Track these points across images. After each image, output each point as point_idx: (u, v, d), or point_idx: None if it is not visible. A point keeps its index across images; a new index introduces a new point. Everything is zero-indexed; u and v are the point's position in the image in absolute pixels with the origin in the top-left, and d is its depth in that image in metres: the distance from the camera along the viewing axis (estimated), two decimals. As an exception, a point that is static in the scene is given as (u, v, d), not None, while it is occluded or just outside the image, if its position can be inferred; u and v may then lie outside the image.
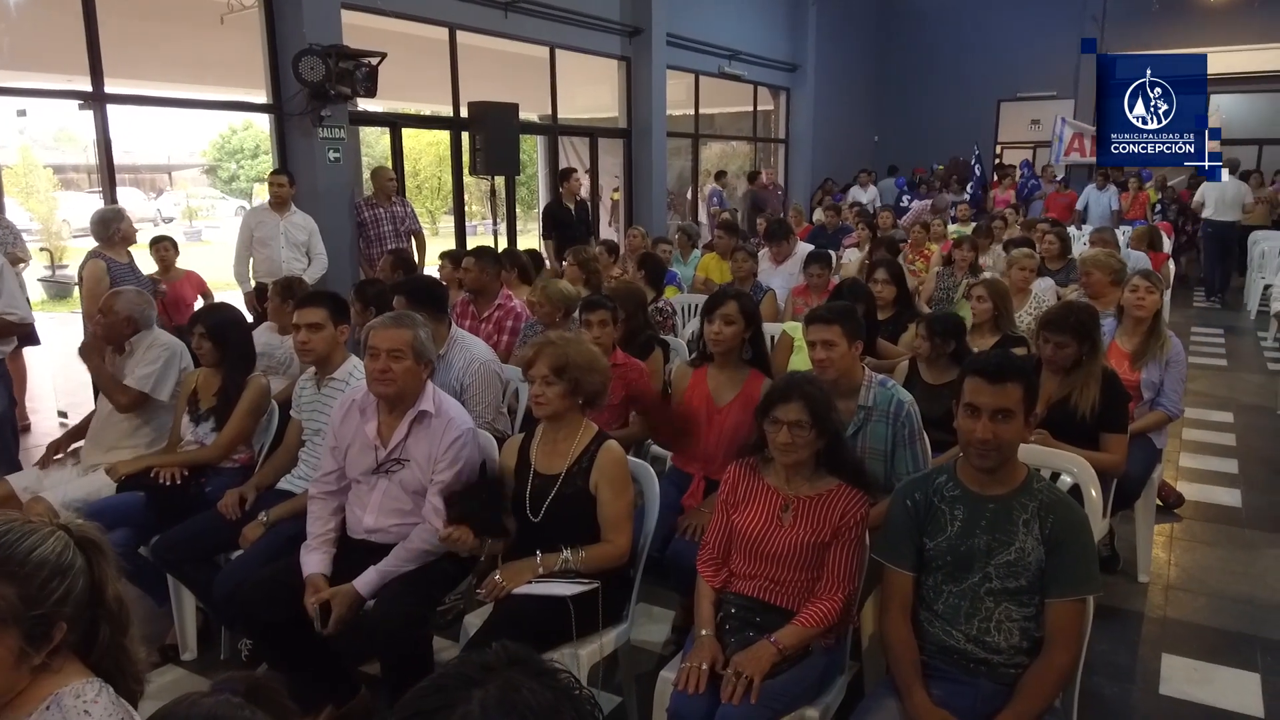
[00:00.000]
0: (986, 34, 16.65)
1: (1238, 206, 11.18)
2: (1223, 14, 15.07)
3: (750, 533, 2.39)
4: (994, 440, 2.03)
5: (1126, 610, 3.69)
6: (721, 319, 3.20)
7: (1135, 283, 4.13)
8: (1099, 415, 3.30)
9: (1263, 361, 8.10)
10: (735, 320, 3.23)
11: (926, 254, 7.48)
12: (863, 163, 16.04)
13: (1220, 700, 3.07)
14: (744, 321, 3.23)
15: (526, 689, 0.85)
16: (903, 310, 4.79)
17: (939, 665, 2.12)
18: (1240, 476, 5.22)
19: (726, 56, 12.77)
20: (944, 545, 2.13)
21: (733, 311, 3.22)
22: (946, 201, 12.21)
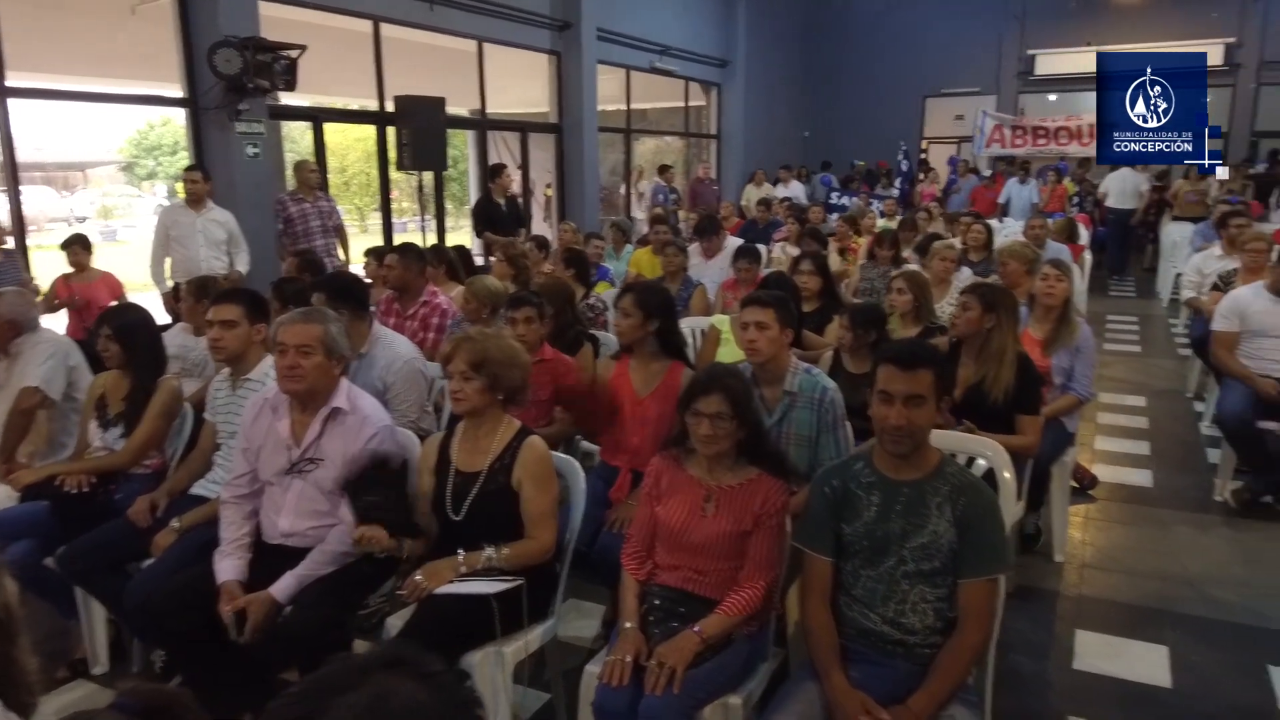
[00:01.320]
0: (911, 31, 17.00)
1: (1135, 196, 12.41)
2: (1135, 12, 15.66)
3: (673, 524, 2.40)
4: (907, 426, 2.08)
5: (1043, 589, 3.80)
6: (620, 311, 3.24)
7: (1045, 271, 4.26)
8: (1013, 398, 3.40)
9: (1173, 347, 8.43)
10: (630, 313, 3.24)
11: (854, 247, 7.60)
12: (794, 158, 16.25)
13: (1131, 673, 3.19)
14: (642, 314, 3.24)
15: (401, 693, 0.82)
16: (828, 302, 4.85)
17: (858, 648, 2.16)
18: (1152, 458, 5.42)
19: (658, 52, 12.80)
20: (861, 530, 2.17)
21: (628, 305, 3.24)
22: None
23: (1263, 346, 4.67)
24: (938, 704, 1.99)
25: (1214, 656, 3.29)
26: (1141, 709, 2.98)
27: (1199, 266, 7.04)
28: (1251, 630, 3.48)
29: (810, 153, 17.22)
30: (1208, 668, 3.22)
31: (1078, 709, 2.96)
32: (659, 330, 3.32)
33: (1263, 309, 4.69)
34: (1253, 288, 4.93)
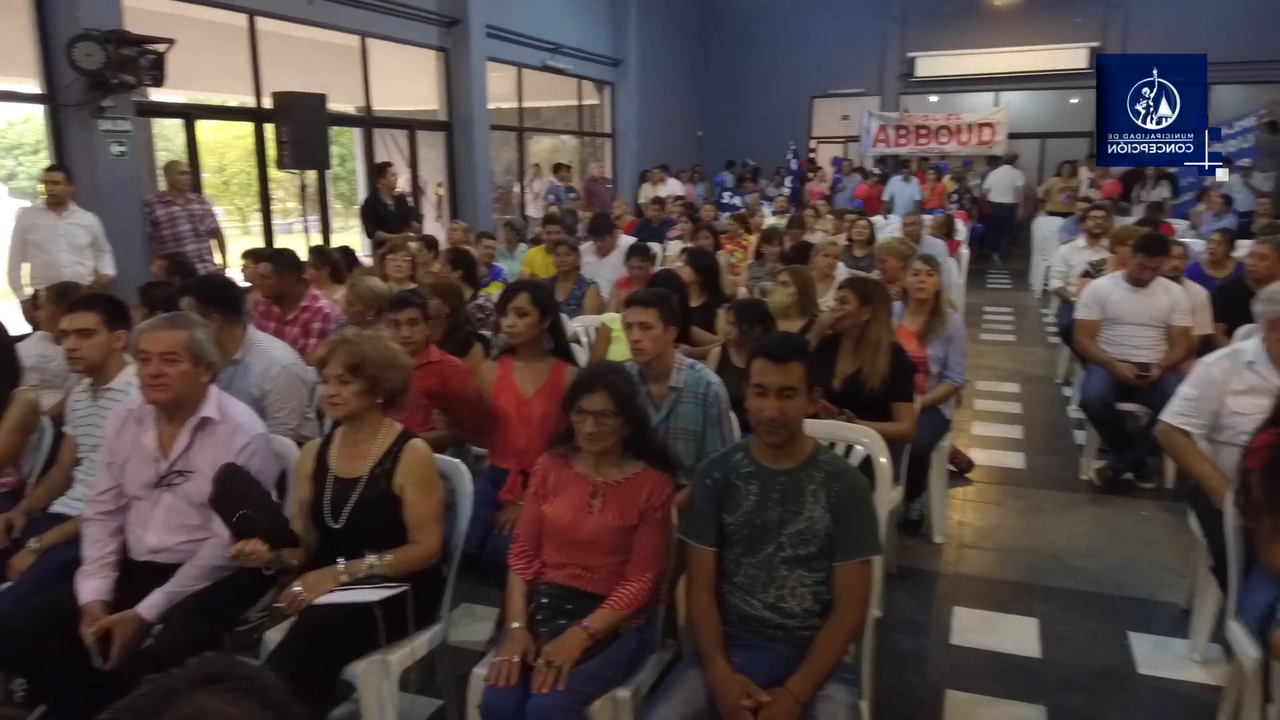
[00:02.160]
0: (799, 33, 17.41)
1: (1012, 190, 13.86)
2: (1007, 16, 16.41)
3: (560, 522, 2.40)
4: (781, 417, 2.14)
5: (924, 570, 3.97)
6: (514, 311, 3.20)
7: (917, 267, 4.44)
8: (888, 387, 3.53)
9: (1045, 336, 8.90)
10: (528, 312, 3.22)
11: (744, 244, 7.74)
12: (689, 157, 16.46)
13: (1004, 646, 3.36)
14: (538, 312, 3.23)
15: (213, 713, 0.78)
16: (714, 299, 4.93)
17: (740, 634, 2.21)
18: (1025, 441, 5.72)
19: (549, 50, 12.76)
20: (741, 519, 2.22)
21: (524, 303, 3.22)
22: None
23: (1121, 333, 4.98)
24: (815, 684, 2.05)
25: (1079, 625, 3.49)
26: (1013, 679, 3.14)
27: (1066, 258, 7.48)
28: (1113, 599, 3.71)
29: (705, 152, 17.48)
30: (1073, 636, 3.42)
31: (955, 682, 3.10)
32: (551, 328, 3.32)
33: (1121, 298, 5.00)
34: (1112, 278, 5.26)
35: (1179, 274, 5.37)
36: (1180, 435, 3.15)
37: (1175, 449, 3.21)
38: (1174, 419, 3.18)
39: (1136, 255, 4.94)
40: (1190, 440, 3.13)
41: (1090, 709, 2.97)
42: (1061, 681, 3.12)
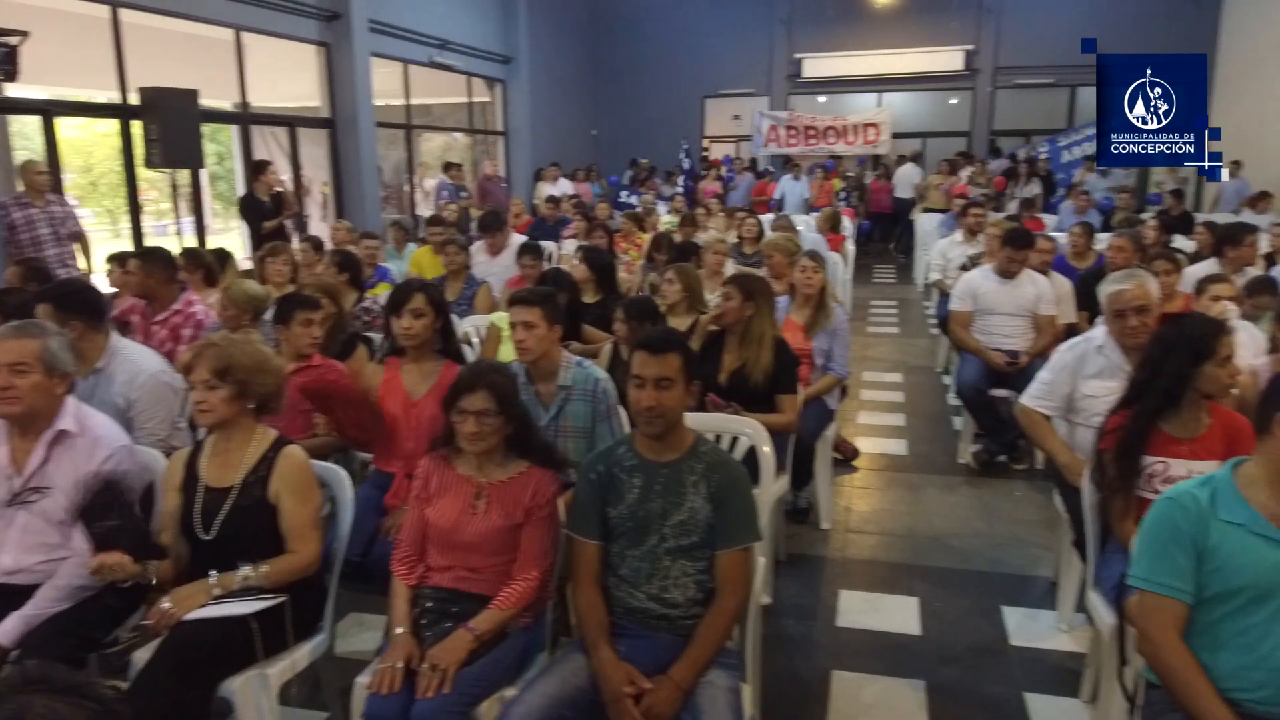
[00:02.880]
0: (689, 33, 17.64)
1: (910, 186, 14.46)
2: (888, 20, 17.01)
3: (444, 524, 2.37)
4: (659, 407, 2.18)
5: (811, 556, 4.08)
6: (410, 313, 3.14)
7: (804, 263, 4.57)
8: (772, 379, 3.62)
9: (926, 327, 9.27)
10: (425, 313, 3.18)
11: (638, 243, 7.79)
12: (584, 155, 16.44)
13: (886, 625, 3.49)
14: (434, 313, 3.19)
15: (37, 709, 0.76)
16: (610, 297, 4.96)
17: (625, 625, 2.24)
18: (907, 428, 5.95)
19: (436, 46, 12.54)
20: (625, 512, 2.25)
21: (421, 304, 3.17)
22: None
23: (992, 323, 5.24)
24: (697, 670, 2.10)
25: (957, 602, 3.66)
26: (895, 656, 3.27)
27: (943, 252, 7.82)
28: (988, 575, 3.91)
29: (600, 150, 17.51)
30: (951, 613, 3.58)
31: (840, 663, 3.21)
32: (442, 329, 3.27)
33: (991, 290, 5.26)
34: (982, 270, 5.53)
35: (1047, 266, 5.68)
36: (1037, 416, 3.35)
37: (1032, 429, 3.41)
38: (1030, 401, 3.38)
39: (1004, 249, 5.21)
40: (1046, 421, 3.33)
41: (966, 681, 3.11)
42: (940, 656, 3.26)
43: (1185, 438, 2.57)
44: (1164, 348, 2.57)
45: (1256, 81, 13.74)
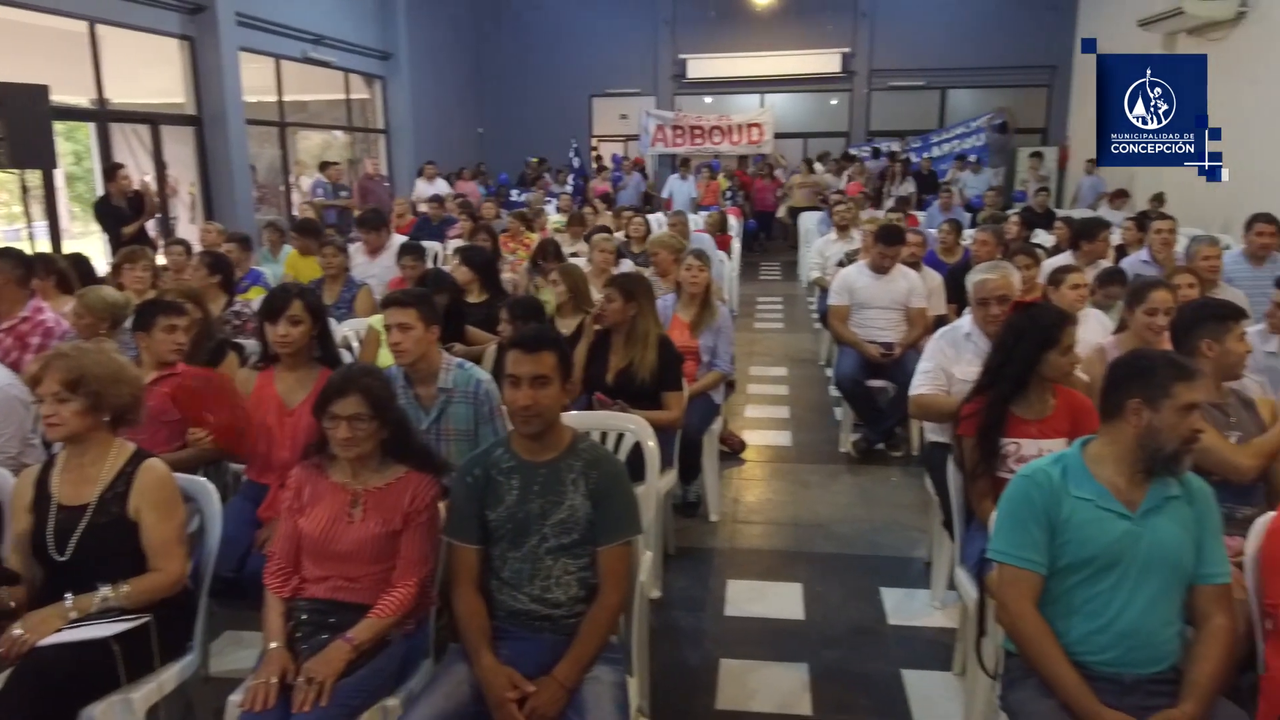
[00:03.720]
0: (575, 32, 17.64)
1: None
2: (768, 22, 17.42)
3: (318, 534, 2.31)
4: (535, 406, 2.17)
5: (701, 548, 4.15)
6: (288, 320, 3.03)
7: (689, 262, 4.64)
8: (658, 377, 3.67)
9: (810, 322, 9.54)
10: (302, 320, 3.08)
11: (526, 243, 7.73)
12: (471, 154, 16.21)
13: (772, 612, 3.58)
14: (311, 320, 3.10)
15: None
16: (495, 297, 4.91)
17: (508, 628, 2.23)
18: (791, 420, 6.12)
19: (310, 41, 12.13)
20: (504, 515, 2.23)
21: (299, 311, 3.07)
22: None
23: (868, 317, 5.43)
24: (581, 668, 2.10)
25: (838, 586, 3.79)
26: (780, 641, 3.36)
27: (820, 249, 8.07)
28: (868, 559, 4.06)
29: (487, 149, 17.29)
30: (833, 597, 3.70)
31: (728, 651, 3.28)
32: (319, 334, 3.17)
33: (865, 284, 5.46)
34: (857, 266, 5.73)
35: (918, 260, 5.94)
36: (929, 396, 3.49)
37: (927, 408, 3.52)
38: (921, 388, 3.54)
39: (876, 245, 5.42)
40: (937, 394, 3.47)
41: (847, 661, 3.23)
42: (822, 639, 3.38)
43: (1034, 419, 2.74)
44: (1015, 335, 2.73)
45: (1106, 86, 14.69)
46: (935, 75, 17.29)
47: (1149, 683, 1.99)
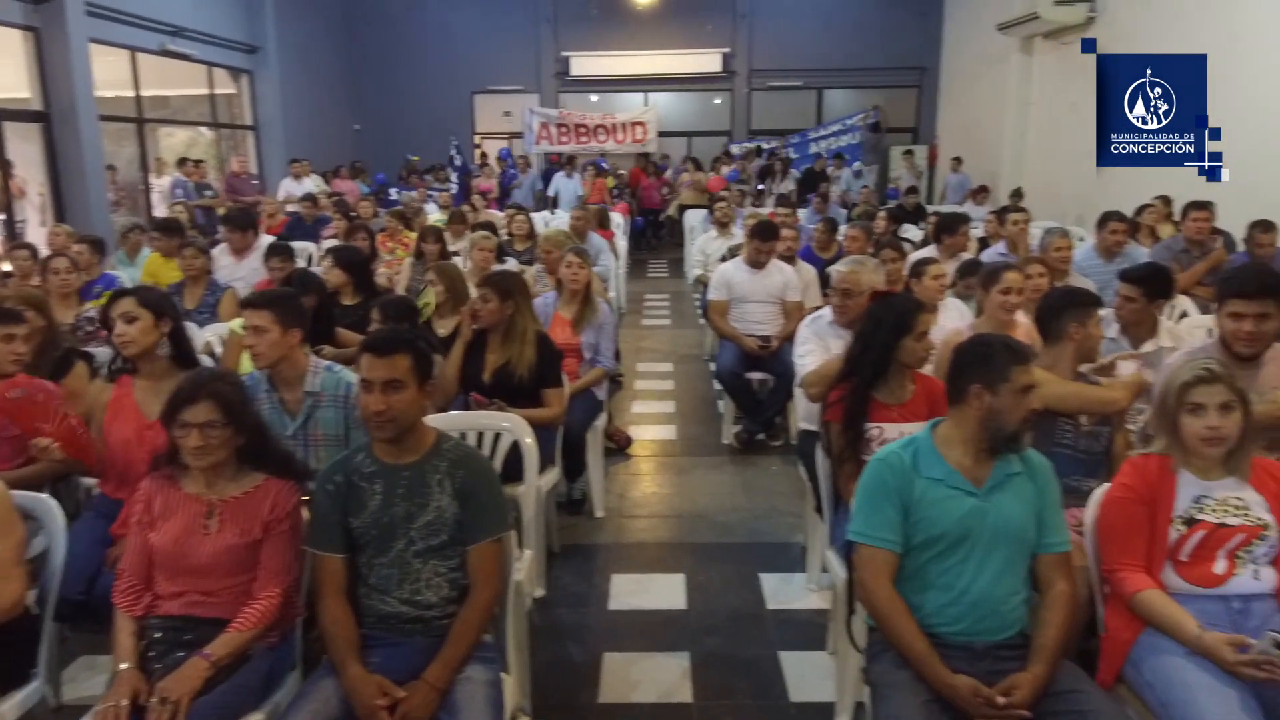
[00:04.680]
0: (455, 28, 17.34)
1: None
2: (649, 21, 17.56)
3: (171, 548, 2.20)
4: (388, 411, 2.12)
5: (585, 544, 4.16)
6: (121, 318, 2.88)
7: (569, 260, 4.64)
8: (537, 374, 3.65)
9: (695, 318, 9.68)
10: (138, 316, 2.91)
11: (405, 242, 7.57)
12: (346, 152, 15.72)
13: (655, 604, 3.62)
14: (150, 316, 2.93)
15: None
16: (370, 296, 4.78)
17: (378, 634, 2.18)
18: (677, 414, 6.20)
19: (169, 32, 11.51)
20: (368, 521, 2.18)
21: (130, 307, 2.90)
22: None
23: (746, 311, 5.56)
24: (453, 669, 2.08)
25: (719, 574, 3.86)
26: (663, 632, 3.40)
27: (702, 247, 8.23)
28: (749, 546, 4.15)
29: (364, 146, 16.79)
30: (714, 585, 3.77)
31: (612, 645, 3.30)
32: (173, 336, 3.01)
33: (743, 279, 5.58)
34: (734, 262, 5.85)
35: (793, 255, 6.11)
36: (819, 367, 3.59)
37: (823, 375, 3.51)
38: (807, 366, 3.66)
39: (751, 240, 5.55)
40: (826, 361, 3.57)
41: (727, 647, 3.30)
42: (704, 627, 3.44)
43: (895, 404, 2.86)
44: (874, 324, 2.85)
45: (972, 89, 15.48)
46: (812, 76, 17.81)
47: (999, 648, 2.11)
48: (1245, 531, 2.18)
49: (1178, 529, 2.20)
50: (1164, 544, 2.20)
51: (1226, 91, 8.58)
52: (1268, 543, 2.18)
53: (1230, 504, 2.21)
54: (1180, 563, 2.20)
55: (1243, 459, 2.22)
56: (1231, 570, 2.18)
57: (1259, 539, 2.18)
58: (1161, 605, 2.14)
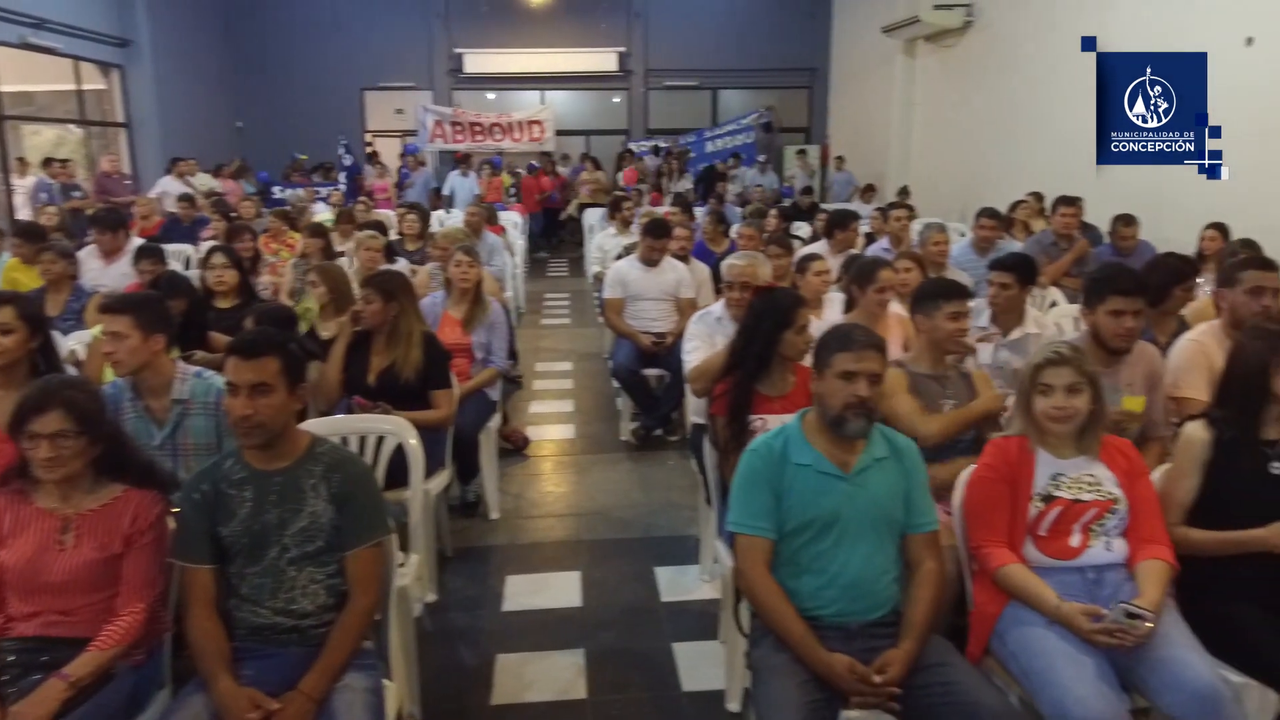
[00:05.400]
0: (342, 22, 16.84)
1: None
2: (543, 19, 17.47)
3: (23, 567, 2.07)
4: (255, 416, 2.05)
5: (480, 547, 4.12)
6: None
7: (458, 258, 4.58)
8: (424, 376, 3.60)
9: (595, 316, 9.67)
10: (14, 329, 2.74)
11: (290, 243, 7.32)
12: (229, 150, 15.12)
13: (550, 602, 3.61)
14: (26, 329, 2.77)
15: None
16: (248, 300, 4.61)
17: (251, 645, 2.11)
18: (575, 413, 6.19)
19: (30, 25, 10.83)
20: (239, 529, 2.11)
21: (10, 318, 2.74)
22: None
23: (641, 308, 5.60)
24: (330, 677, 2.02)
25: (615, 570, 3.88)
26: (558, 630, 3.39)
27: (600, 244, 8.24)
28: (644, 541, 4.18)
29: (248, 144, 16.14)
30: (610, 581, 3.79)
31: (504, 646, 3.27)
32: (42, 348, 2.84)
33: (637, 277, 5.62)
34: (629, 260, 5.89)
35: (686, 253, 6.18)
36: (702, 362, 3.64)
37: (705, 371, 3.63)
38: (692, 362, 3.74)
39: (644, 238, 5.59)
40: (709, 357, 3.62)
41: (621, 642, 3.32)
42: (598, 623, 3.45)
43: (778, 396, 2.93)
44: (756, 318, 2.91)
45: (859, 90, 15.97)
46: (707, 76, 18.06)
47: (872, 627, 2.19)
48: (1098, 506, 2.31)
49: (1036, 505, 2.32)
50: (1025, 520, 2.32)
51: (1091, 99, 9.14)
52: (1118, 515, 2.32)
53: (1084, 481, 2.34)
54: (1040, 537, 2.33)
55: (1092, 438, 2.36)
56: (1086, 543, 2.31)
57: (1110, 513, 2.31)
58: (1023, 579, 2.25)
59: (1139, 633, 2.06)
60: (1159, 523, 2.33)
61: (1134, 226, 6.23)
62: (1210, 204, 6.56)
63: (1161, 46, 7.95)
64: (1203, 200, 6.93)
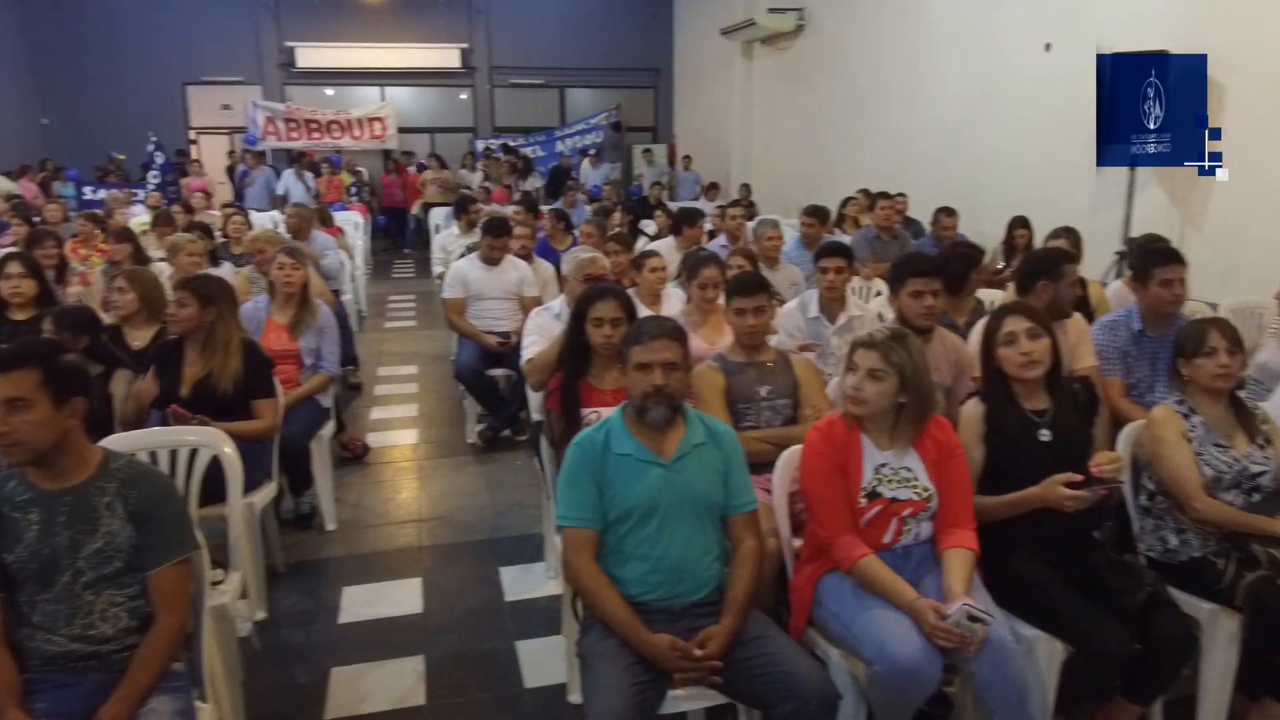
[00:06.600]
0: (159, 12, 15.71)
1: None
2: (380, 13, 16.92)
3: None
4: (11, 434, 1.90)
5: (315, 560, 3.97)
6: None
7: (280, 260, 4.40)
8: (244, 385, 3.43)
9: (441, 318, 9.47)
10: None
11: (102, 249, 6.81)
12: (32, 149, 13.89)
13: (389, 611, 3.53)
14: None
15: None
16: (44, 312, 4.25)
17: (46, 676, 1.97)
18: (419, 417, 6.07)
19: None
20: (25, 554, 1.96)
21: None
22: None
23: (484, 308, 5.55)
24: (133, 704, 1.91)
25: (458, 574, 3.84)
26: (397, 638, 3.31)
27: (443, 244, 8.11)
28: (489, 542, 4.15)
29: (54, 143, 14.82)
30: (453, 585, 3.74)
31: (340, 659, 3.17)
32: None
33: (479, 276, 5.57)
34: (469, 259, 5.82)
35: (529, 251, 6.16)
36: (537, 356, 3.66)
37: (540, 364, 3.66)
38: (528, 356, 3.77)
39: (484, 237, 5.55)
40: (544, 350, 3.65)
41: (464, 644, 3.28)
42: (441, 627, 3.40)
43: (610, 388, 2.97)
44: (575, 315, 2.96)
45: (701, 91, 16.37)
46: (553, 74, 18.01)
47: (696, 607, 2.26)
48: (913, 506, 2.35)
49: (862, 500, 2.34)
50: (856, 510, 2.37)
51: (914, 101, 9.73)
52: (929, 512, 2.38)
53: (901, 474, 2.37)
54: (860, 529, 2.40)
55: (900, 432, 2.38)
56: (898, 536, 2.36)
57: (924, 511, 2.36)
58: (878, 572, 2.26)
59: (979, 637, 2.11)
60: (965, 504, 2.40)
61: (954, 218, 6.69)
62: (1017, 197, 7.14)
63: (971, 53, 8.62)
64: (1008, 194, 7.54)
